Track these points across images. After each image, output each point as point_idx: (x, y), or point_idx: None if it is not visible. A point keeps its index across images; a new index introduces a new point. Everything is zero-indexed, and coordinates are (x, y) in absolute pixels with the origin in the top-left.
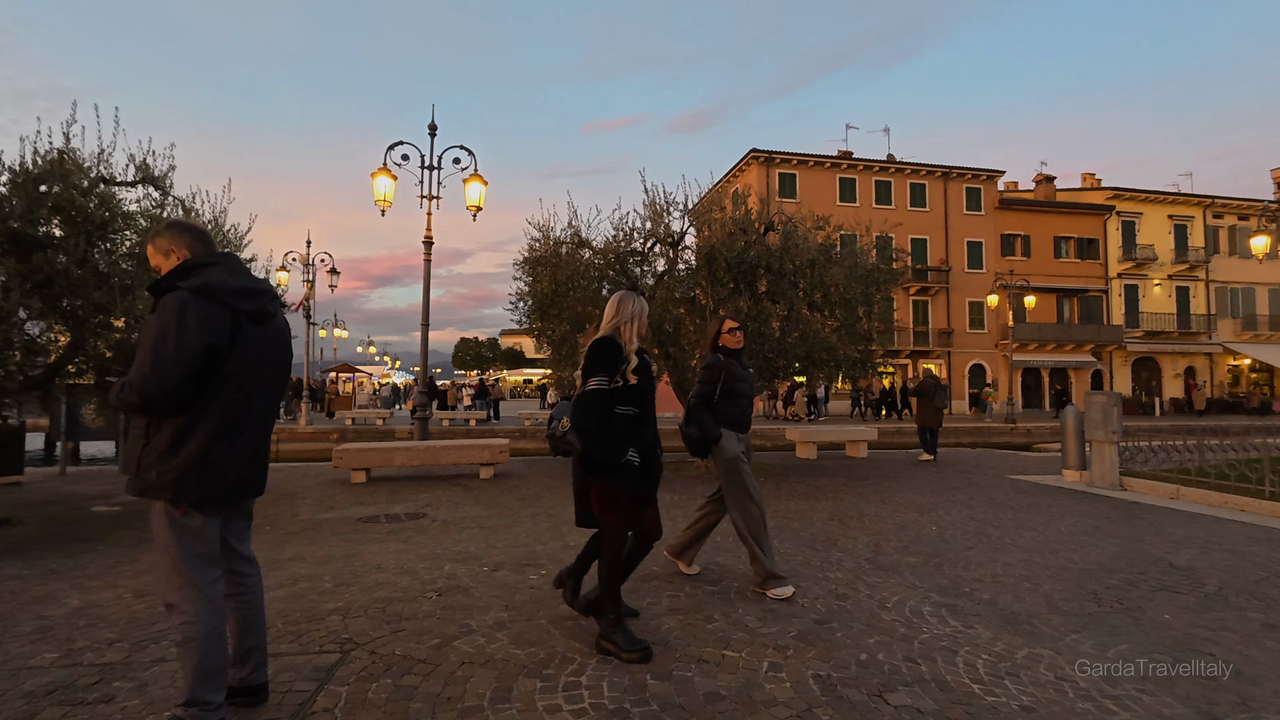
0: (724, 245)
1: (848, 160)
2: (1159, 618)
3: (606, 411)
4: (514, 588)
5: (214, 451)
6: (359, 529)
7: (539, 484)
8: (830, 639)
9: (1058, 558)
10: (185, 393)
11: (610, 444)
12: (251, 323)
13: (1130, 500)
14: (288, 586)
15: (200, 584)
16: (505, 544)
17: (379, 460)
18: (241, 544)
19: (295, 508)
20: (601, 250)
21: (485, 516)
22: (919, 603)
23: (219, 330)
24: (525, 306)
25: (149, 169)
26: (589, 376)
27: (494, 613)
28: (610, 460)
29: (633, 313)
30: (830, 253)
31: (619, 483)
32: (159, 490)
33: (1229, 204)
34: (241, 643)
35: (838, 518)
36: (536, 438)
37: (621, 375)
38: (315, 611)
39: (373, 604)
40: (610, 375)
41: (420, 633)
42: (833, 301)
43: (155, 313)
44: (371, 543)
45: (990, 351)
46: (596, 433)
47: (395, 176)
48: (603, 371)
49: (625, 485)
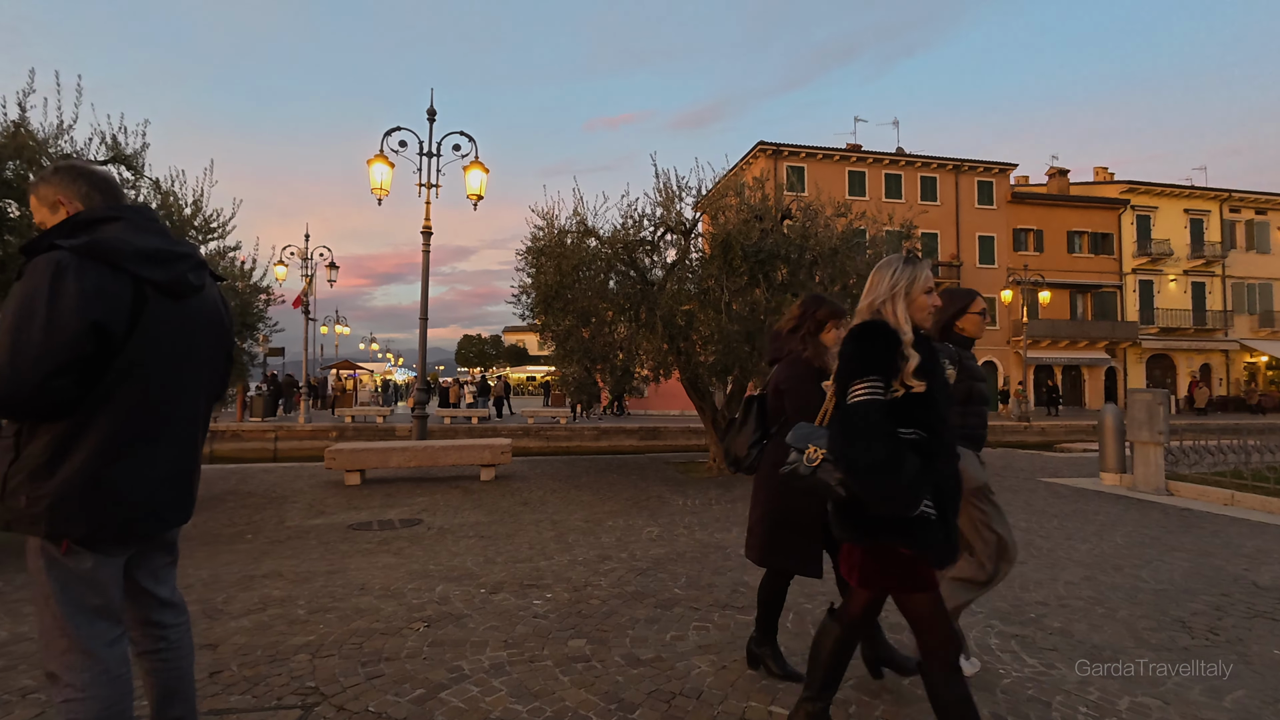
0: (740, 233)
1: (857, 153)
2: (1267, 653)
3: (889, 435)
4: (515, 616)
5: (109, 470)
6: (348, 537)
7: (543, 486)
8: (897, 688)
9: (1124, 575)
10: (62, 390)
11: (900, 487)
12: (165, 296)
13: (1181, 507)
14: (254, 614)
15: (92, 647)
16: (506, 557)
17: (374, 461)
18: (161, 586)
19: (283, 512)
20: (609, 240)
21: (485, 523)
22: (982, 633)
23: (112, 305)
24: (528, 300)
25: (119, 146)
26: (851, 381)
27: (490, 650)
28: (900, 511)
29: (903, 282)
30: (852, 241)
31: (906, 546)
32: (31, 522)
33: (1246, 198)
34: (161, 715)
35: None
36: (539, 436)
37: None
38: (281, 648)
39: (349, 638)
40: (885, 378)
41: (401, 679)
42: (854, 294)
43: (20, 280)
44: (360, 555)
45: (1002, 348)
46: (879, 469)
47: (392, 164)
48: (873, 372)
49: (915, 549)
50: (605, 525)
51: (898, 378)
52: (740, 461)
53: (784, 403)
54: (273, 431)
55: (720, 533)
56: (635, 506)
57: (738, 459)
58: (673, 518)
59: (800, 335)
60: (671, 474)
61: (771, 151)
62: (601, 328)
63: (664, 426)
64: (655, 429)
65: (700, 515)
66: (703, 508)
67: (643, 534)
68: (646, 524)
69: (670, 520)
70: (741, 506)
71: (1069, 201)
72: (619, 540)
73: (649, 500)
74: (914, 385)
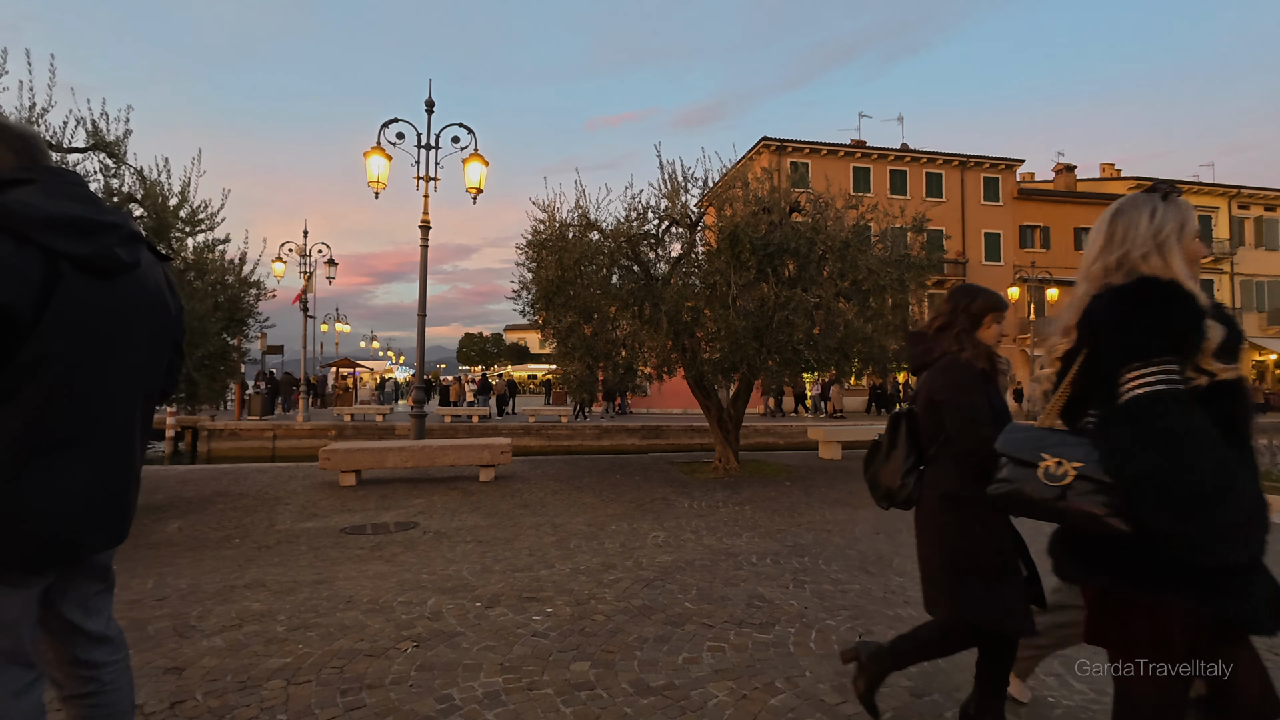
0: (748, 225)
1: (861, 149)
2: None
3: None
4: (512, 634)
5: (14, 482)
6: (340, 542)
7: (543, 488)
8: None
9: None
10: None
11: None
12: (86, 274)
13: None
14: (230, 631)
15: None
16: (504, 565)
17: (370, 462)
18: (92, 619)
19: (274, 516)
20: (612, 233)
21: (483, 527)
22: None
23: (14, 283)
24: (528, 296)
25: (100, 133)
26: (1126, 362)
27: (485, 675)
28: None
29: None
30: (864, 235)
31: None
32: None
33: (1255, 194)
34: None
35: (884, 531)
36: (540, 435)
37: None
38: (254, 672)
39: (330, 660)
40: (1182, 359)
41: (383, 711)
42: (865, 290)
43: None
44: (350, 562)
45: (1008, 346)
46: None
47: (390, 157)
48: (1166, 352)
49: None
50: (608, 529)
51: (1194, 360)
52: (894, 495)
53: (942, 417)
54: (271, 430)
55: (730, 538)
56: (639, 509)
57: (890, 492)
58: (679, 521)
59: (954, 334)
60: (676, 475)
61: (775, 147)
62: (604, 324)
63: (666, 425)
64: (658, 427)
65: (707, 519)
66: (709, 510)
67: (648, 539)
68: (652, 528)
69: (677, 524)
70: (751, 509)
71: (1076, 198)
72: (623, 546)
73: (653, 502)
74: (1220, 371)
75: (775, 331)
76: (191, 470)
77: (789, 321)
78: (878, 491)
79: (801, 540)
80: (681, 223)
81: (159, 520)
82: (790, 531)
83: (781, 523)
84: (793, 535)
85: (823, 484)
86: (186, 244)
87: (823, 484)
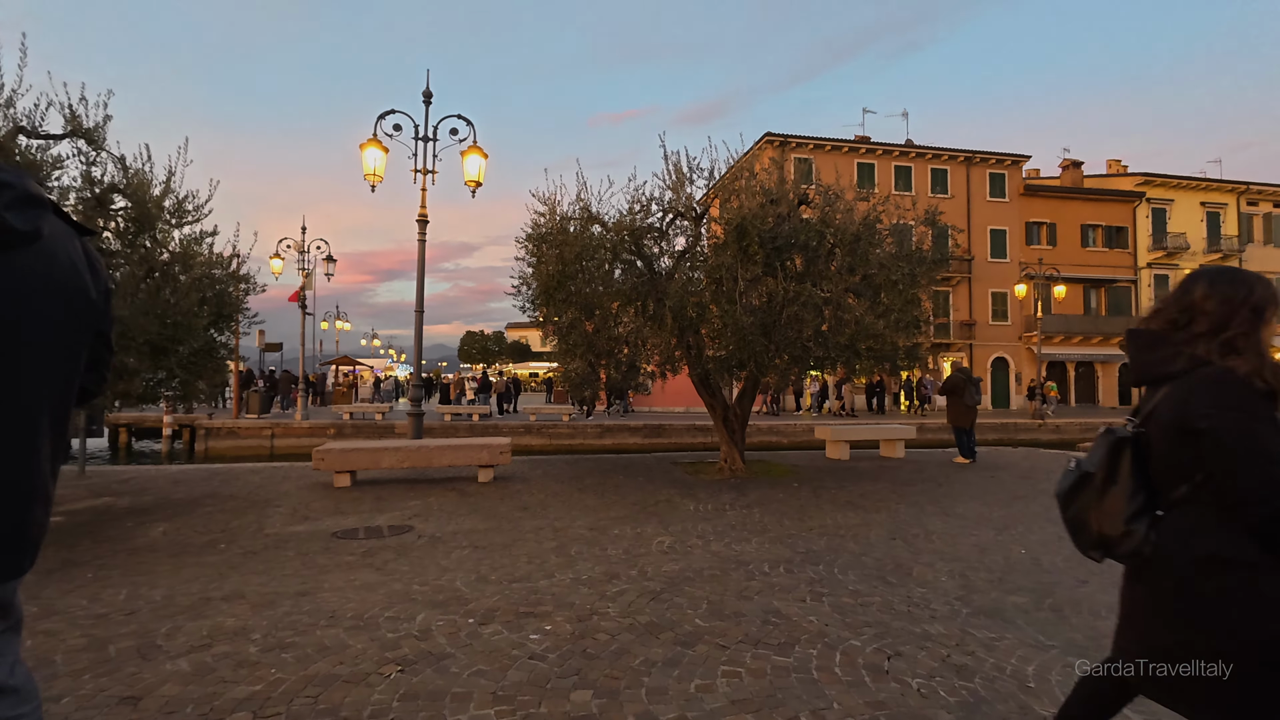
0: (756, 217)
1: (865, 145)
2: None
3: None
4: (508, 656)
5: None
6: (330, 547)
7: (544, 489)
8: None
9: None
10: None
11: None
12: None
13: None
14: (198, 652)
15: None
16: (501, 574)
17: (365, 462)
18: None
19: (264, 518)
20: (614, 226)
21: (480, 531)
22: (1062, 673)
23: None
24: (528, 291)
25: (79, 120)
26: None
27: (475, 706)
28: None
29: None
30: (875, 228)
31: None
32: None
33: (1264, 190)
34: None
35: (900, 536)
36: (541, 434)
37: None
38: (218, 703)
39: (304, 688)
40: None
41: None
42: (875, 285)
43: None
44: (338, 570)
45: (1014, 344)
46: None
47: (386, 149)
48: None
49: None
50: (611, 534)
51: None
52: (1111, 544)
53: (1203, 450)
54: (269, 429)
55: (739, 544)
56: (643, 512)
57: (1106, 540)
58: (685, 525)
59: (1226, 338)
60: (680, 475)
61: (779, 143)
62: (606, 320)
63: (669, 424)
64: (660, 426)
65: (714, 522)
66: (716, 514)
67: (653, 545)
68: (657, 533)
69: (682, 529)
70: (759, 512)
71: (1083, 194)
72: (627, 553)
73: (657, 505)
74: None
75: (784, 328)
76: (184, 470)
77: (798, 317)
78: (1085, 537)
79: (814, 546)
80: (686, 215)
81: (143, 524)
82: (801, 536)
83: (792, 527)
84: (804, 541)
85: (832, 485)
86: (172, 236)
87: (832, 485)
